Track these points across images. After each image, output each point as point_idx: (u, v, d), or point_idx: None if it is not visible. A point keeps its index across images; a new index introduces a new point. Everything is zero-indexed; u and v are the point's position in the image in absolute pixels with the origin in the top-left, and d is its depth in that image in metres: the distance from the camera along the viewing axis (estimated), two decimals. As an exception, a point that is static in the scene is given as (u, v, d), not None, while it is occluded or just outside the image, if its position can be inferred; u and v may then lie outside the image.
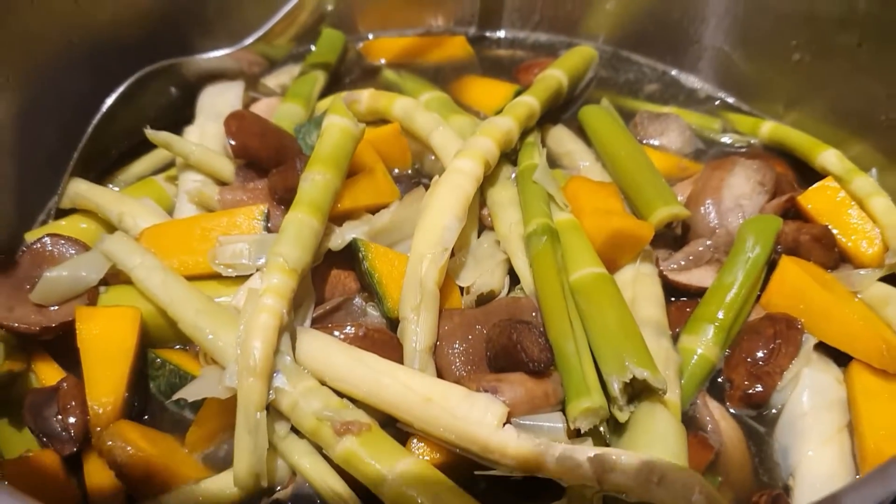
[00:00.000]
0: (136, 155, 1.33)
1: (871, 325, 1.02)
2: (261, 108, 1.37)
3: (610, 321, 0.98)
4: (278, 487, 0.94)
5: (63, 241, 1.11)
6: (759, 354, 1.02)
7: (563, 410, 0.93)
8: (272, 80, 1.46)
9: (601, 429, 0.93)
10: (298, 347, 0.97)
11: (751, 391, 1.01)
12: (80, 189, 1.21)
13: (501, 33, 1.59)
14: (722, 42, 1.41)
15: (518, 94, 1.35)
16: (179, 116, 1.35)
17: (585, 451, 0.85)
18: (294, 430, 0.95)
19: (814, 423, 0.98)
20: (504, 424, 0.88)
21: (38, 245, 1.10)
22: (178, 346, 1.08)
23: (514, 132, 1.20)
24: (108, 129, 1.30)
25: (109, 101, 1.29)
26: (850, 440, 0.98)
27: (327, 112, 1.14)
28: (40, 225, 1.25)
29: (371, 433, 0.91)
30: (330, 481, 0.92)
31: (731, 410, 1.03)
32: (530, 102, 1.26)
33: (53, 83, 1.23)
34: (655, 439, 0.91)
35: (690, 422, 1.00)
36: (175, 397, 0.97)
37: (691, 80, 1.47)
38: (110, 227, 1.19)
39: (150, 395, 1.05)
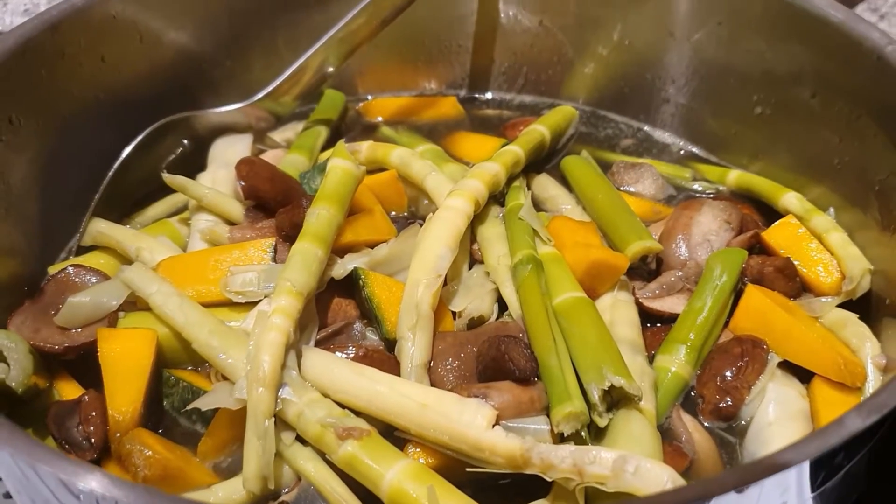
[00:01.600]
0: (151, 200, 1.43)
1: (830, 344, 1.12)
2: (268, 158, 1.47)
3: (589, 337, 1.07)
4: (284, 490, 1.01)
5: (85, 271, 1.20)
6: (728, 371, 1.11)
7: (548, 416, 1.01)
8: (278, 136, 1.57)
9: (582, 434, 1.00)
10: (303, 364, 1.06)
11: (721, 405, 1.10)
12: (100, 227, 1.31)
13: (489, 95, 1.71)
14: (690, 100, 1.53)
15: (504, 146, 1.47)
16: (191, 167, 1.46)
17: (568, 448, 0.93)
18: (299, 439, 1.03)
19: (779, 431, 1.06)
20: (493, 426, 0.97)
21: (63, 274, 1.19)
22: (189, 368, 1.16)
23: (502, 175, 1.31)
24: (126, 177, 1.41)
25: (127, 150, 1.40)
26: (812, 448, 1.06)
27: (331, 156, 1.26)
28: (61, 262, 1.34)
29: (371, 438, 0.99)
30: (332, 483, 0.99)
31: (705, 423, 1.11)
32: (516, 150, 1.37)
33: (78, 132, 1.34)
34: (632, 440, 0.99)
35: (666, 433, 1.07)
36: (189, 407, 1.05)
37: (663, 136, 1.59)
38: (127, 263, 1.28)
39: (163, 413, 1.12)
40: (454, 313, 1.18)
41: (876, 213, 1.21)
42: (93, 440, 1.03)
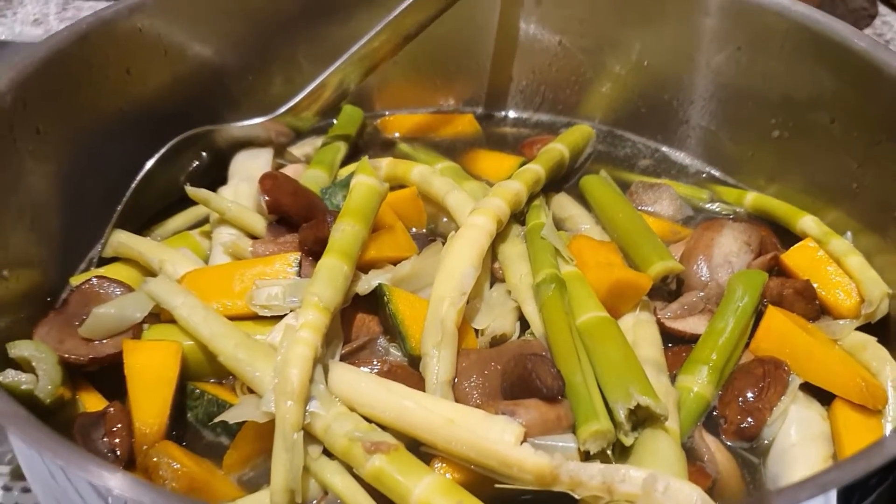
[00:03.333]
0: (171, 212, 1.44)
1: (851, 366, 1.13)
2: (287, 172, 1.48)
3: (614, 356, 1.08)
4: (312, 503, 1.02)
5: (109, 283, 1.20)
6: (750, 391, 1.12)
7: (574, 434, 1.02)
8: (297, 150, 1.58)
9: (608, 452, 1.01)
10: (330, 378, 1.06)
11: (743, 425, 1.10)
12: (121, 239, 1.31)
13: (507, 113, 1.73)
14: (708, 122, 1.55)
15: (523, 164, 1.48)
16: (212, 180, 1.46)
17: (597, 465, 0.93)
18: (326, 452, 1.03)
19: (801, 452, 1.07)
20: (521, 443, 0.97)
21: (87, 285, 1.20)
22: (213, 380, 1.16)
23: (523, 194, 1.32)
24: (147, 189, 1.41)
25: (150, 163, 1.40)
26: (834, 469, 1.07)
27: (355, 172, 1.26)
28: (81, 272, 1.34)
29: (398, 452, 0.99)
30: (359, 497, 0.99)
31: (727, 443, 1.11)
32: (536, 169, 1.38)
33: (102, 144, 1.34)
34: (658, 459, 0.99)
35: (689, 453, 1.07)
36: (217, 419, 1.05)
37: (681, 157, 1.60)
38: (149, 275, 1.28)
39: (187, 425, 1.12)
40: (477, 331, 1.19)
41: (895, 238, 1.22)
42: (118, 452, 1.03)
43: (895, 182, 1.23)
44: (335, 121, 1.64)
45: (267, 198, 1.30)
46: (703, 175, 1.57)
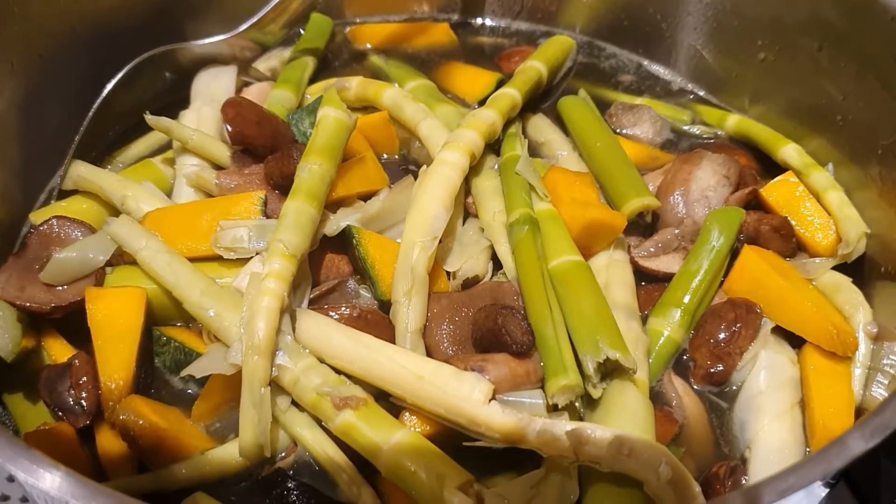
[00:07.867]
0: (134, 136, 1.39)
1: (823, 311, 1.12)
2: (253, 92, 1.42)
3: (585, 306, 1.06)
4: (280, 455, 1.02)
5: (69, 223, 1.16)
6: (721, 336, 1.11)
7: (543, 388, 1.02)
8: (263, 64, 1.51)
9: (576, 404, 1.02)
10: (298, 328, 1.05)
11: (712, 370, 1.11)
12: (82, 171, 1.26)
13: (483, 20, 1.64)
14: (694, 39, 1.48)
15: (500, 83, 1.42)
16: (174, 99, 1.41)
17: (563, 426, 0.93)
18: (295, 403, 1.03)
19: (769, 399, 1.08)
20: (490, 400, 0.97)
21: (46, 227, 1.16)
22: (180, 324, 1.14)
23: (498, 124, 1.27)
24: (108, 112, 1.35)
25: (110, 86, 1.34)
26: (801, 416, 1.08)
27: (321, 104, 1.20)
28: (42, 205, 1.30)
29: (367, 407, 0.99)
30: (329, 451, 1.00)
31: (695, 387, 1.12)
32: (513, 94, 1.32)
33: (57, 69, 1.28)
34: (625, 414, 1.00)
35: (657, 397, 1.09)
36: (183, 373, 1.04)
37: (664, 72, 1.54)
38: (110, 209, 1.25)
39: (155, 370, 1.12)
40: (448, 273, 1.17)
41: (876, 175, 1.20)
42: (85, 405, 1.02)
43: (882, 120, 1.18)
44: (303, 30, 1.56)
45: (230, 128, 1.24)
46: (686, 92, 1.52)
